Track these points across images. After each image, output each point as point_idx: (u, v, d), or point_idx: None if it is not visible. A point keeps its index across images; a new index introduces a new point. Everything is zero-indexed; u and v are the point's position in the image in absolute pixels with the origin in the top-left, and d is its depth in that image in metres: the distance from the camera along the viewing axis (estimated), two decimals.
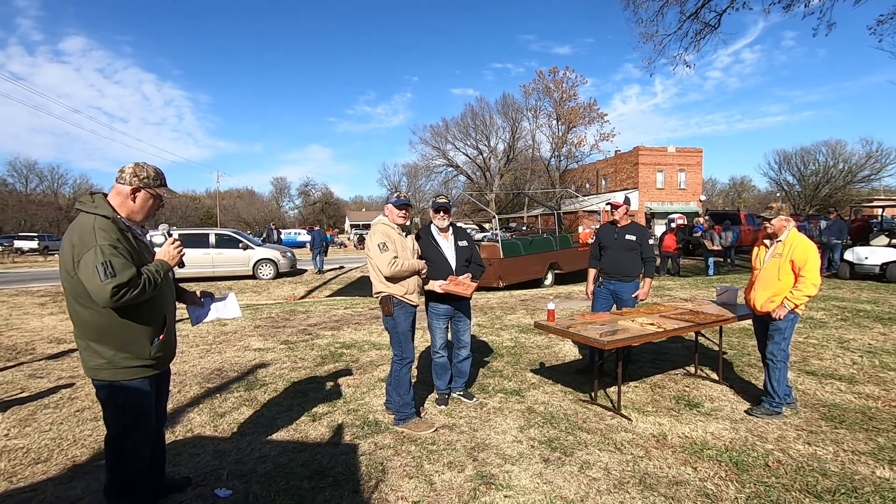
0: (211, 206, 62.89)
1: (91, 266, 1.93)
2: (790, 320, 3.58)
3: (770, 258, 3.65)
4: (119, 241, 2.03)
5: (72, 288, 2.05)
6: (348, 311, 8.50)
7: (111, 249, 1.97)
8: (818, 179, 47.01)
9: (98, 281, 1.92)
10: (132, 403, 2.19)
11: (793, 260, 3.50)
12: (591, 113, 40.03)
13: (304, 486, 2.72)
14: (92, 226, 2.00)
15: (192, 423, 3.63)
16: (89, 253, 1.95)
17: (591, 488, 2.66)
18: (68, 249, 2.01)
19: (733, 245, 15.03)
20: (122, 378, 2.13)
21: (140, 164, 2.20)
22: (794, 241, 3.55)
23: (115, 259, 1.97)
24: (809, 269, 3.46)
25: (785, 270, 3.55)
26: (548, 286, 12.33)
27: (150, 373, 2.23)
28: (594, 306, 4.73)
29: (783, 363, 3.59)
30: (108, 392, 2.16)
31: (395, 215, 3.52)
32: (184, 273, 13.85)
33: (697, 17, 12.18)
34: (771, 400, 3.61)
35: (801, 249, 3.49)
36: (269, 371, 4.92)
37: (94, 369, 2.12)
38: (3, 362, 5.35)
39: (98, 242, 1.96)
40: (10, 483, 2.79)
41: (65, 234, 2.09)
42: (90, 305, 2.04)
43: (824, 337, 5.87)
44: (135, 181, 2.15)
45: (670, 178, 38.29)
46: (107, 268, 1.93)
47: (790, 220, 3.64)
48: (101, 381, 2.14)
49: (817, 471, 2.81)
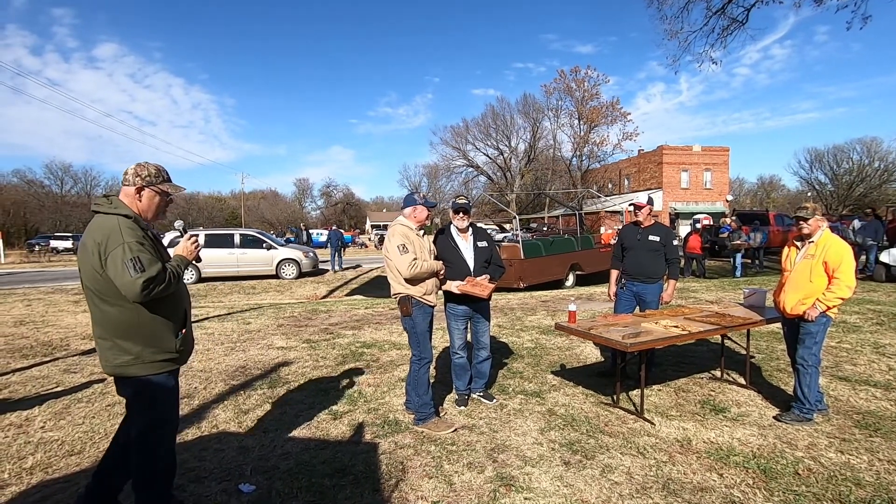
0: (236, 206, 64.24)
1: (120, 263, 1.98)
2: (822, 324, 3.47)
3: (801, 259, 3.54)
4: (144, 239, 2.09)
5: (99, 287, 2.08)
6: (369, 311, 8.57)
7: (138, 246, 2.02)
8: (852, 178, 45.42)
9: (129, 276, 1.97)
10: (160, 397, 2.22)
11: (826, 261, 3.39)
12: (614, 112, 39.48)
13: (325, 483, 2.75)
14: (117, 225, 2.05)
15: (218, 419, 3.71)
16: (117, 250, 1.99)
17: (613, 492, 2.63)
18: (93, 248, 2.04)
19: (762, 246, 14.62)
20: (150, 372, 2.17)
21: (141, 164, 2.23)
22: (827, 241, 3.43)
23: (143, 255, 2.02)
24: (844, 270, 3.34)
25: (817, 272, 3.43)
26: (569, 287, 12.21)
27: (175, 366, 2.28)
28: (616, 308, 4.67)
29: (814, 368, 3.47)
30: (135, 388, 2.19)
31: (423, 217, 3.57)
32: (210, 272, 14.22)
33: (724, 13, 11.91)
34: (801, 406, 3.49)
35: (835, 250, 3.37)
36: (291, 369, 5.00)
37: (121, 366, 2.14)
38: (39, 357, 5.56)
39: (125, 240, 2.01)
40: (46, 474, 2.90)
41: (84, 236, 2.12)
42: (118, 302, 2.08)
43: (858, 341, 5.66)
44: (138, 181, 2.18)
45: (695, 177, 37.49)
46: (136, 263, 1.98)
47: (824, 220, 3.53)
48: (129, 377, 2.17)
49: (850, 480, 2.71)
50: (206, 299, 11.25)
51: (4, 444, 3.28)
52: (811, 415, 3.48)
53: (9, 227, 42.13)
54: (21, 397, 4.22)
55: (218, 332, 6.88)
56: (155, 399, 2.22)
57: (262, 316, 8.21)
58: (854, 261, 3.46)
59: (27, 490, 2.72)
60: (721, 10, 11.87)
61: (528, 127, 43.97)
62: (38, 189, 52.87)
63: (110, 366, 2.16)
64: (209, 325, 7.38)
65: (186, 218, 62.49)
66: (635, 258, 4.51)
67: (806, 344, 3.50)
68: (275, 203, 71.95)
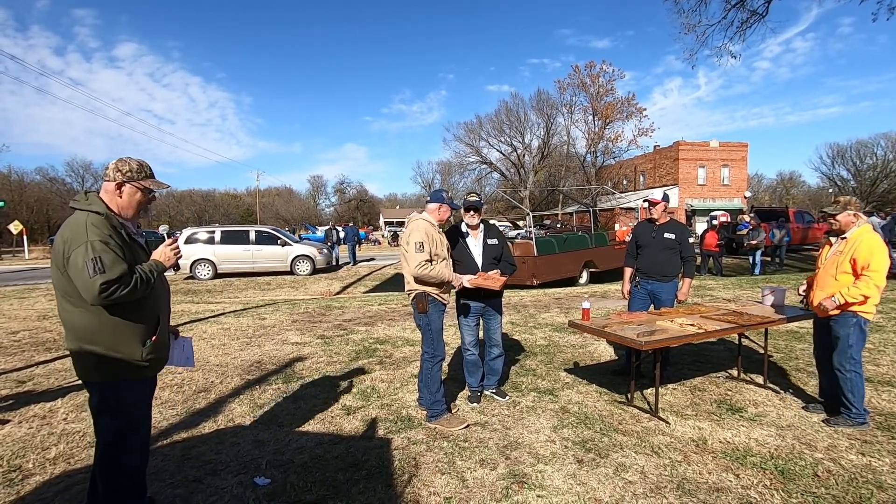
0: (251, 203, 64.98)
1: (81, 262, 1.88)
2: (851, 325, 3.29)
3: (831, 255, 3.41)
4: (111, 238, 1.97)
5: (62, 286, 1.99)
6: (382, 308, 8.62)
7: (102, 245, 1.92)
8: (875, 174, 44.30)
9: (87, 277, 1.87)
10: (125, 405, 2.09)
11: (854, 258, 3.22)
12: (629, 108, 38.93)
13: (339, 477, 2.78)
14: (84, 222, 1.95)
15: (234, 413, 3.77)
16: (79, 249, 1.90)
17: (627, 491, 2.61)
18: (60, 246, 1.96)
19: (784, 244, 14.32)
20: (113, 378, 2.05)
21: (123, 159, 2.14)
22: (858, 237, 3.26)
23: (106, 255, 1.91)
24: (874, 268, 3.15)
25: (843, 269, 3.27)
26: (583, 285, 12.12)
27: (143, 374, 2.14)
28: (631, 306, 4.62)
29: (855, 373, 3.30)
30: (100, 394, 2.07)
31: (445, 216, 3.59)
32: (226, 269, 14.43)
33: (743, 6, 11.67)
34: (849, 412, 3.34)
35: (864, 246, 3.19)
36: (305, 364, 5.05)
37: (85, 370, 2.05)
38: (62, 351, 5.70)
39: (89, 238, 1.91)
40: (69, 464, 2.98)
41: (58, 232, 2.04)
42: (79, 304, 1.98)
43: (881, 341, 5.53)
44: (118, 176, 2.09)
45: (713, 173, 36.90)
46: (96, 263, 1.88)
47: (860, 215, 3.34)
48: (93, 383, 2.07)
49: (872, 483, 2.66)
50: (223, 295, 11.42)
51: (29, 435, 3.37)
52: (863, 419, 3.32)
53: (32, 224, 43.14)
54: (44, 389, 4.33)
55: (234, 327, 6.98)
56: (120, 407, 2.08)
57: (276, 312, 8.31)
58: (888, 260, 3.25)
59: (50, 480, 2.79)
60: (740, 3, 11.63)
61: (542, 123, 43.68)
62: (60, 187, 54.18)
63: (76, 367, 2.08)
64: (225, 321, 7.49)
65: (203, 215, 63.46)
66: (650, 256, 4.46)
67: (839, 348, 3.34)
68: (289, 200, 72.64)
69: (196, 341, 6.09)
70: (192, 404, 3.94)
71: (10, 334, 6.70)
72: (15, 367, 5.08)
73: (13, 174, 49.86)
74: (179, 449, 3.14)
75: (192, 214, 62.84)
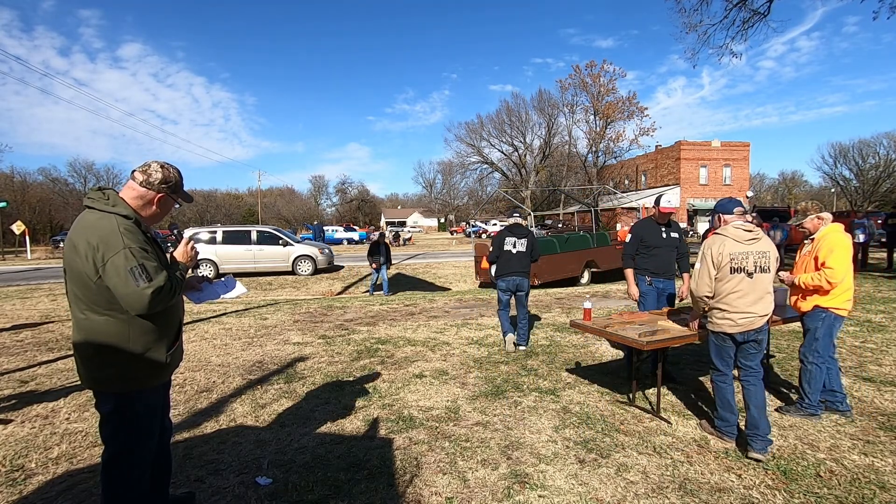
0: (253, 203, 65.11)
1: (123, 271, 1.78)
2: (820, 320, 3.44)
3: (804, 255, 3.58)
4: (146, 244, 1.89)
5: (88, 294, 1.86)
6: (383, 308, 8.62)
7: (142, 252, 1.83)
8: (878, 174, 44.16)
9: (133, 286, 1.78)
10: (139, 416, 2.00)
11: (817, 256, 3.37)
12: (631, 107, 38.93)
13: (340, 477, 2.78)
14: (115, 227, 1.83)
15: (235, 412, 3.77)
16: (117, 256, 1.78)
17: (629, 491, 2.60)
18: (87, 252, 1.81)
19: (783, 244, 14.28)
20: (134, 388, 1.95)
21: (166, 166, 2.02)
22: (823, 236, 3.41)
23: (148, 262, 1.83)
24: (830, 265, 3.28)
25: (810, 267, 3.44)
26: (584, 284, 12.11)
27: (161, 380, 2.08)
28: (645, 306, 4.51)
29: (815, 366, 3.43)
30: (115, 404, 1.96)
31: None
32: (228, 268, 14.42)
33: (745, 5, 11.65)
34: (802, 401, 3.49)
35: (826, 245, 3.34)
36: (307, 364, 5.05)
37: (102, 381, 1.93)
38: (64, 351, 5.71)
39: (126, 244, 1.80)
40: (71, 464, 2.98)
41: (73, 234, 1.87)
42: (108, 312, 1.87)
43: (884, 341, 5.51)
44: (163, 188, 2.00)
45: (714, 173, 36.86)
46: (142, 272, 1.79)
47: (823, 217, 3.47)
48: (109, 392, 1.95)
49: (874, 483, 2.65)
50: None
51: (31, 435, 3.38)
52: (815, 411, 3.43)
53: (35, 224, 43.30)
54: (47, 389, 4.34)
55: (236, 327, 6.99)
56: (134, 418, 1.99)
57: (278, 312, 8.31)
58: (847, 255, 3.36)
59: (53, 479, 2.80)
60: (741, 2, 11.61)
61: (543, 123, 43.74)
62: (62, 187, 54.40)
63: (90, 378, 1.96)
64: (227, 321, 7.50)
65: (205, 215, 63.55)
66: (663, 257, 4.48)
67: (806, 340, 3.52)
68: (291, 200, 72.78)
69: (198, 341, 6.10)
70: (194, 404, 3.95)
71: (12, 334, 6.72)
72: (18, 366, 5.10)
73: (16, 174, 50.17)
74: (181, 448, 3.15)
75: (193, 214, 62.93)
